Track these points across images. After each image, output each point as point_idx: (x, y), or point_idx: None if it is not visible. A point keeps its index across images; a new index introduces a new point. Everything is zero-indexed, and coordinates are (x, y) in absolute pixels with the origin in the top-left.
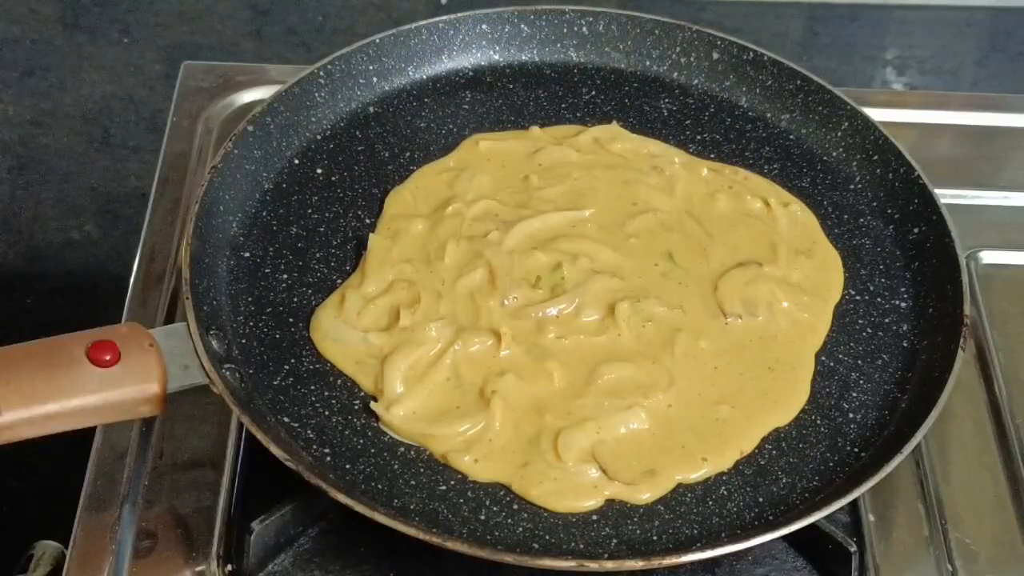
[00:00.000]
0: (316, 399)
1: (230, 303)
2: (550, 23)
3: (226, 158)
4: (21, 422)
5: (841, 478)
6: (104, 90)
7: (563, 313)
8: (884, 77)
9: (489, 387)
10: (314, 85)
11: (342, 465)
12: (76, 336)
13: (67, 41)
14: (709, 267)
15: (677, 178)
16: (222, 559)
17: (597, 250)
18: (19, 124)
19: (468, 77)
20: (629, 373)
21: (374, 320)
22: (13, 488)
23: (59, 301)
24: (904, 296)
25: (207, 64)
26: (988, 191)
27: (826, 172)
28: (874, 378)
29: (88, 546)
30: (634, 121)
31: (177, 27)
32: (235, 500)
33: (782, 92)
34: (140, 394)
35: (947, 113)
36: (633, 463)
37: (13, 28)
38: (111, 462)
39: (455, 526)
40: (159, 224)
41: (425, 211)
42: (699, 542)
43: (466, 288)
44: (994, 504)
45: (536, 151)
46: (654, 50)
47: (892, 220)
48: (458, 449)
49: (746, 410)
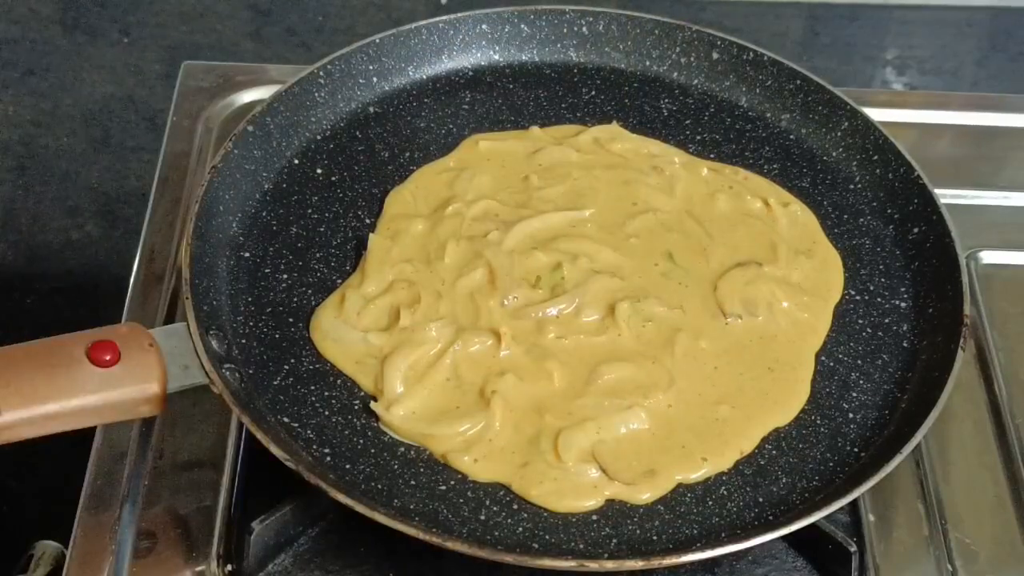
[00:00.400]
0: (316, 399)
1: (230, 303)
2: (550, 23)
3: (226, 158)
4: (21, 422)
5: (841, 478)
6: (104, 90)
7: (563, 313)
8: (884, 77)
9: (489, 387)
10: (314, 85)
11: (342, 465)
12: (76, 336)
13: (67, 41)
14: (709, 267)
15: (677, 178)
16: (222, 559)
17: (597, 250)
18: (19, 124)
19: (468, 77)
20: (629, 373)
21: (374, 320)
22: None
23: (59, 301)
24: (904, 296)
25: (207, 64)
26: (988, 191)
27: (826, 172)
28: (874, 378)
29: (88, 546)
30: (634, 121)
31: (177, 27)
32: (235, 500)
33: (782, 92)
34: (140, 394)
35: (947, 113)
36: (633, 463)
37: (13, 28)
38: (111, 462)
39: (455, 526)
40: (159, 224)
41: (425, 211)
42: (699, 542)
43: (466, 288)
44: (994, 504)
45: (536, 151)
46: (654, 50)
47: (892, 220)
48: (458, 449)
49: (746, 410)
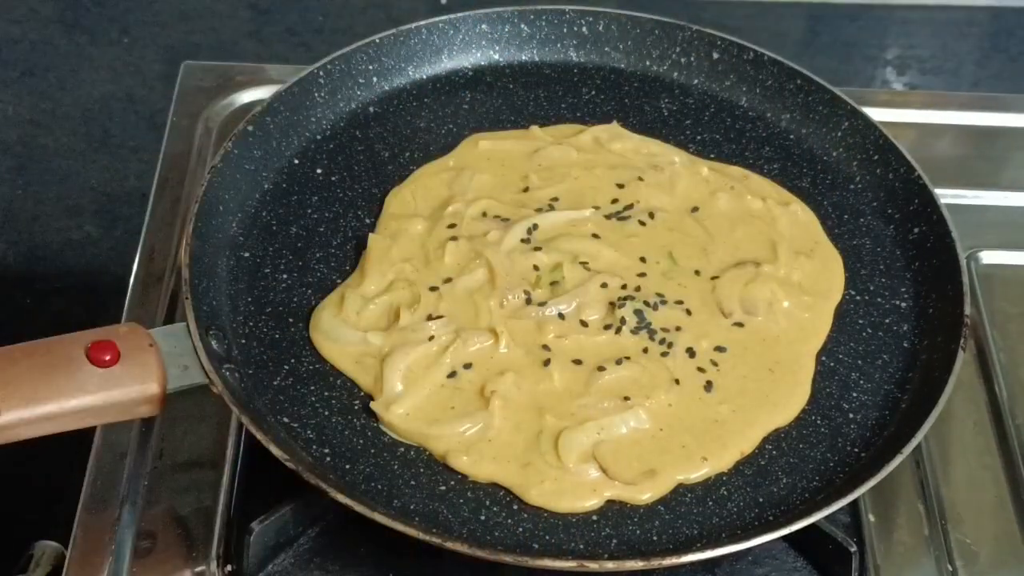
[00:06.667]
0: (316, 399)
1: (230, 303)
2: (550, 23)
3: (226, 158)
4: (21, 422)
5: (841, 478)
6: (104, 90)
7: (563, 313)
8: (884, 77)
9: (489, 387)
10: (314, 85)
11: (342, 465)
12: (76, 336)
13: (67, 41)
14: (709, 267)
15: (677, 177)
16: (222, 559)
17: (597, 250)
18: (19, 124)
19: (468, 77)
20: (629, 373)
21: (374, 320)
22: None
23: (59, 301)
24: (904, 296)
25: (207, 64)
26: (988, 191)
27: (826, 172)
28: (874, 378)
29: (88, 546)
30: (634, 121)
31: (177, 27)
32: (235, 500)
33: (782, 92)
34: (140, 394)
35: (947, 113)
36: (633, 463)
37: (13, 28)
38: (111, 462)
39: (455, 526)
40: (159, 224)
41: (425, 211)
42: (699, 542)
43: (466, 288)
44: (994, 504)
45: (536, 151)
46: (654, 50)
47: (892, 220)
48: (458, 449)
49: (746, 410)
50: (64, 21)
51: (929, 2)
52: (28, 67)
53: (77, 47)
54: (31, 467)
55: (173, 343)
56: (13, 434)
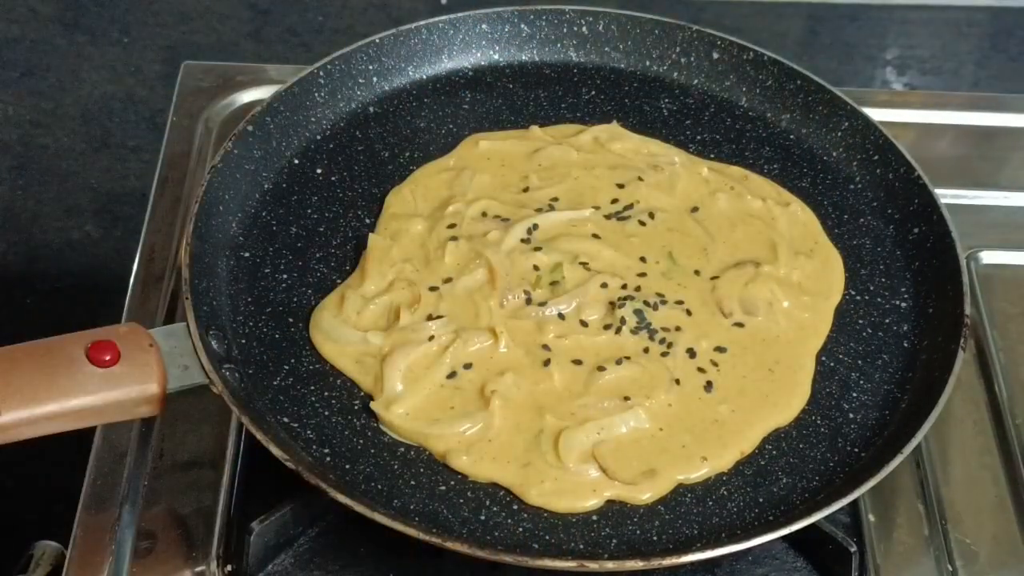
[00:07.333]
0: (316, 399)
1: (230, 303)
2: (550, 23)
3: (226, 158)
4: (21, 422)
5: (841, 478)
6: (104, 90)
7: (563, 313)
8: (884, 77)
9: (489, 387)
10: (314, 85)
11: (342, 465)
12: (76, 336)
13: (67, 41)
14: (709, 267)
15: (677, 177)
16: (222, 559)
17: (597, 250)
18: (19, 124)
19: (468, 77)
20: (629, 373)
21: (374, 320)
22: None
23: (59, 301)
24: (904, 296)
25: (207, 64)
26: (988, 191)
27: (826, 172)
28: (874, 378)
29: (88, 546)
30: (634, 121)
31: (177, 27)
32: (235, 500)
33: (782, 92)
34: (140, 394)
35: (947, 113)
36: (633, 463)
37: (13, 28)
38: (111, 462)
39: (455, 526)
40: (159, 224)
41: (425, 211)
42: (699, 542)
43: (466, 288)
44: (994, 504)
45: (536, 151)
46: (654, 50)
47: (892, 220)
48: (458, 449)
49: (746, 410)
50: (64, 21)
51: (929, 2)
52: (28, 67)
53: (77, 47)
54: (31, 467)
55: (173, 343)
56: (13, 434)
